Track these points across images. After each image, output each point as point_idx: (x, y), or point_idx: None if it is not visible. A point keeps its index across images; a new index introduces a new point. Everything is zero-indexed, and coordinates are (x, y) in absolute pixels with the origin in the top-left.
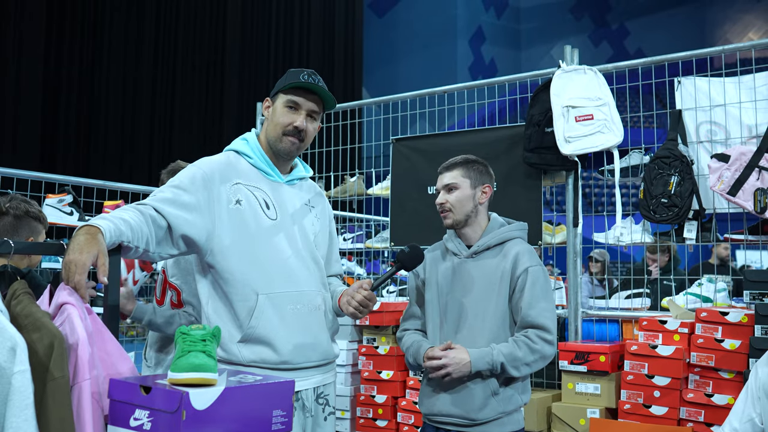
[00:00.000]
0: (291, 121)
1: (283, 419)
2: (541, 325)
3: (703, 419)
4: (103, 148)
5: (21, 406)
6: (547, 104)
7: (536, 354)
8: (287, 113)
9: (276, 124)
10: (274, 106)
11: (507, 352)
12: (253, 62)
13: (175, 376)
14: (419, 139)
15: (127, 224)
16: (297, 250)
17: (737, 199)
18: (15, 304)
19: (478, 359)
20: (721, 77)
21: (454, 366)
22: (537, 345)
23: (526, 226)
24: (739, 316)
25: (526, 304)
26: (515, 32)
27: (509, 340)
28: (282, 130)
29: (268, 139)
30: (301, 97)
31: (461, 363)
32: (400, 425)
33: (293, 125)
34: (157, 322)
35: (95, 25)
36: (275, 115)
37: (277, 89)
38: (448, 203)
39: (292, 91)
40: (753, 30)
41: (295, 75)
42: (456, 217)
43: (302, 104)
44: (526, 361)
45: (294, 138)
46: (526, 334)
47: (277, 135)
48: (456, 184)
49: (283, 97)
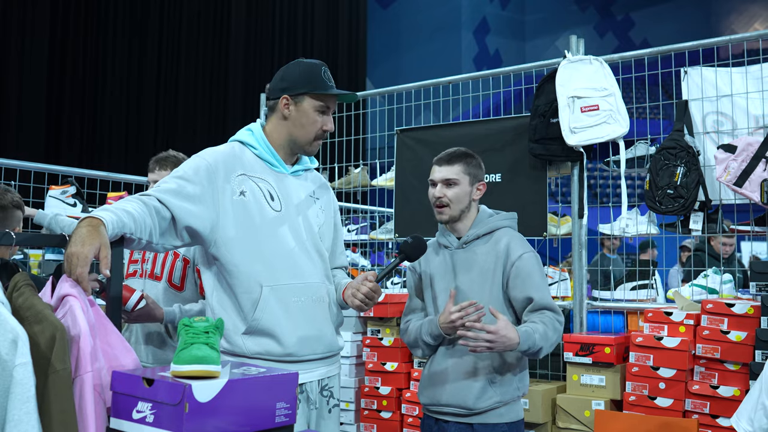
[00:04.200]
0: (323, 125)
1: (287, 411)
2: (553, 308)
3: (708, 411)
4: (108, 140)
5: (22, 399)
6: (553, 95)
7: (558, 333)
8: (319, 118)
9: (308, 129)
10: (301, 107)
11: (542, 333)
12: (257, 54)
13: (177, 368)
14: (424, 130)
15: (130, 216)
16: (301, 242)
17: (744, 190)
18: (17, 296)
19: (524, 341)
20: (727, 67)
21: (501, 343)
22: (558, 325)
23: (515, 215)
24: (745, 308)
25: (533, 288)
26: (520, 23)
27: (537, 322)
28: (314, 134)
29: (292, 139)
30: (330, 101)
31: (510, 343)
32: (405, 416)
33: (324, 129)
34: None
35: (100, 16)
36: (306, 118)
37: (300, 89)
38: (446, 198)
39: (323, 97)
40: (759, 20)
41: (317, 75)
42: (452, 212)
43: (331, 107)
44: (552, 341)
45: (322, 139)
46: (546, 315)
47: (308, 139)
48: (457, 180)
49: (313, 102)
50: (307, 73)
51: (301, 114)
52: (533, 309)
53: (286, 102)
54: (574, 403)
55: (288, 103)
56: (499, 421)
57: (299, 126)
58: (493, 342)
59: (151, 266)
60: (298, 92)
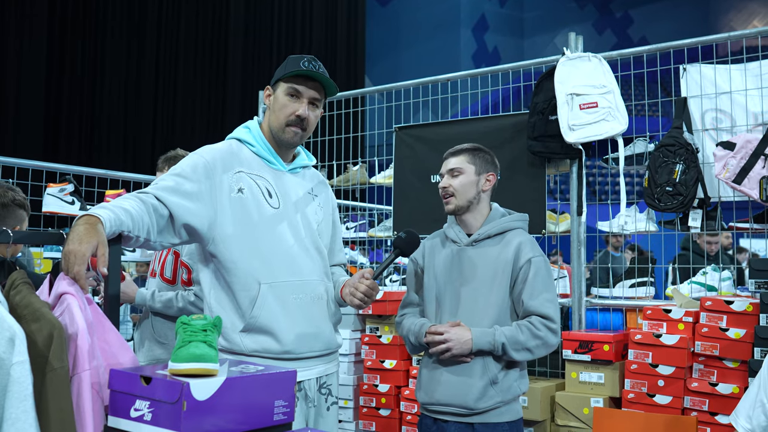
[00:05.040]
0: (293, 110)
1: (285, 409)
2: (544, 314)
3: (707, 408)
4: (106, 140)
5: (20, 397)
6: (551, 92)
7: (538, 340)
8: (289, 102)
9: (278, 114)
10: (275, 94)
11: (509, 334)
12: (255, 51)
13: (175, 366)
14: (422, 128)
15: (128, 213)
16: (300, 239)
17: (743, 188)
18: (14, 294)
19: (479, 337)
20: (726, 64)
21: (455, 342)
22: (540, 332)
23: (527, 217)
24: (744, 305)
25: (528, 294)
26: (518, 20)
27: (513, 324)
28: (285, 119)
29: (271, 129)
30: (302, 85)
31: (462, 340)
32: (403, 414)
33: (295, 114)
34: (156, 307)
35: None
36: (276, 104)
37: (277, 77)
38: (451, 187)
39: (292, 79)
40: (758, 18)
41: (295, 62)
42: (458, 202)
43: (303, 92)
44: (527, 345)
45: (296, 127)
46: (530, 320)
47: (279, 125)
48: (461, 169)
49: (283, 86)
50: (288, 63)
51: (275, 100)
52: (523, 315)
53: (268, 93)
54: (573, 400)
55: (269, 93)
56: (500, 420)
57: (272, 112)
58: (448, 341)
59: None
60: (276, 80)
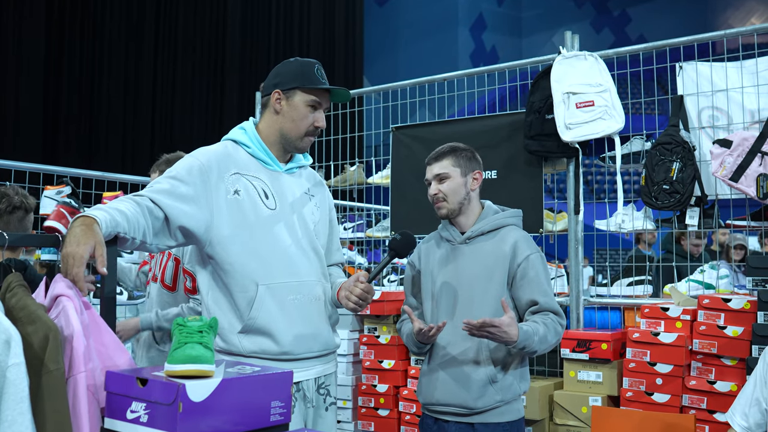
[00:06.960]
0: (314, 121)
1: (282, 410)
2: (557, 312)
3: (705, 406)
4: (105, 141)
5: (16, 399)
6: (548, 91)
7: (558, 336)
8: (310, 113)
9: (298, 124)
10: (292, 102)
11: (542, 336)
12: (253, 51)
13: (171, 367)
14: (419, 128)
15: (124, 215)
16: (297, 240)
17: (739, 185)
18: (10, 297)
19: (522, 341)
20: (723, 62)
21: (500, 336)
22: (559, 329)
23: (521, 213)
24: (742, 303)
25: (539, 291)
26: (516, 19)
27: (539, 322)
28: (305, 129)
29: (283, 135)
30: (322, 96)
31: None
32: (402, 414)
33: (316, 125)
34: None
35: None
36: (296, 113)
37: (292, 84)
38: (441, 193)
39: (314, 91)
40: (755, 15)
41: (309, 70)
42: (450, 206)
43: (323, 103)
44: (550, 343)
45: (313, 136)
46: (550, 318)
47: (299, 134)
48: (447, 173)
49: (304, 96)
50: (300, 69)
51: (292, 108)
52: (537, 311)
53: (278, 97)
54: (571, 399)
55: (280, 97)
56: (500, 420)
57: (290, 121)
58: (493, 333)
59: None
60: (290, 87)
